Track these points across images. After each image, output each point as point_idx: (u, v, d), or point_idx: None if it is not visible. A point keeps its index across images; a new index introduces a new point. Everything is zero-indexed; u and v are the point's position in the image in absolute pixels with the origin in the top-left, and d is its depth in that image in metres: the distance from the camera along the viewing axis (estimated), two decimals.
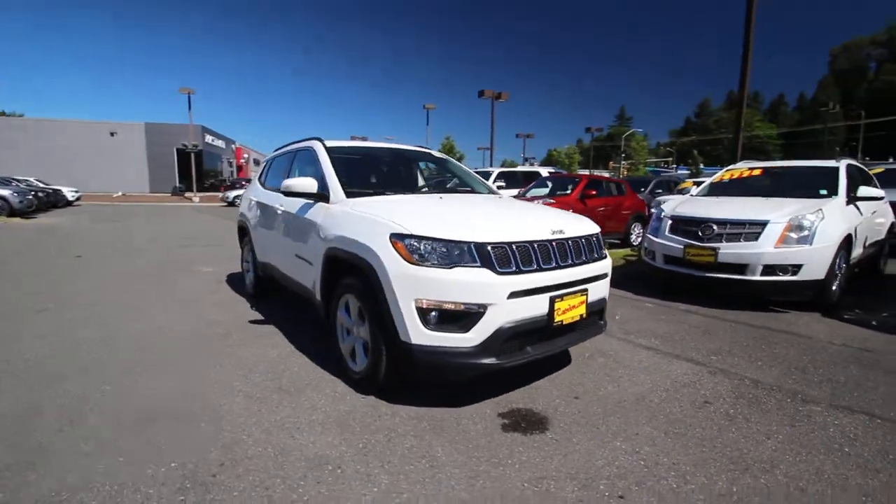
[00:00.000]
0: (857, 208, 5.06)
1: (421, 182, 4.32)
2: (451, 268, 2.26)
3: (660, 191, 14.50)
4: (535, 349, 2.47)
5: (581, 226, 2.79)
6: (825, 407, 2.57)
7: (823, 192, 5.16)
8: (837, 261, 4.48)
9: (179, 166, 38.66)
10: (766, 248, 4.42)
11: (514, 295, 2.28)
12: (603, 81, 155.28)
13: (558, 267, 2.50)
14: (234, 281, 5.84)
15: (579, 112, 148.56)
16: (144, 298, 4.95)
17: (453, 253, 2.29)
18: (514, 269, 2.33)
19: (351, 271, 2.73)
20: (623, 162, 48.46)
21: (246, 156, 50.34)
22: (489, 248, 2.31)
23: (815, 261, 4.34)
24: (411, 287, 2.27)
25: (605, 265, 2.82)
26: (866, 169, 6.39)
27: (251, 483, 1.88)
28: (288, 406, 2.54)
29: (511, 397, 2.66)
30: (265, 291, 4.85)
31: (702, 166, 57.62)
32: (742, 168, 6.26)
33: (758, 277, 4.45)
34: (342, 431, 2.28)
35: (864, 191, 5.11)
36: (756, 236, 4.50)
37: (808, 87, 78.15)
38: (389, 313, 2.36)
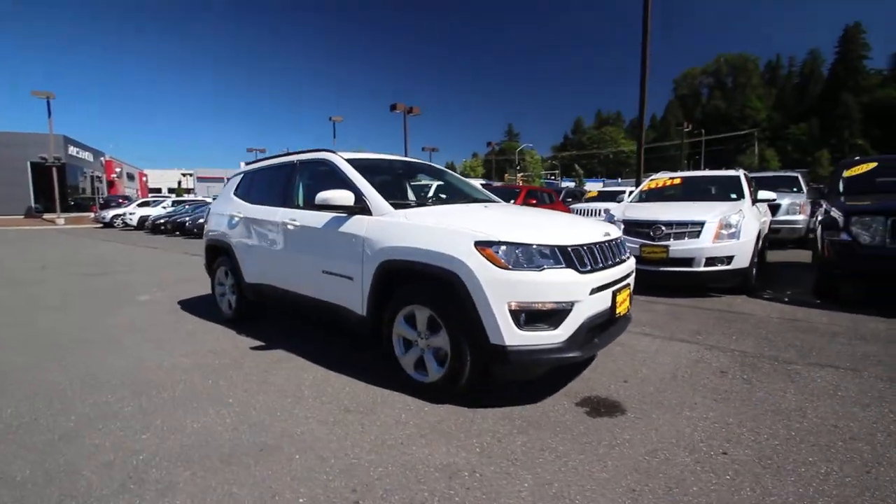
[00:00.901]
0: (758, 208, 6.27)
1: (411, 194, 4.38)
2: (540, 270, 2.44)
3: (570, 199, 16.07)
4: (601, 340, 2.74)
5: (615, 229, 3.15)
6: (803, 365, 3.23)
7: (734, 195, 6.31)
8: (754, 252, 5.52)
9: (35, 183, 32.28)
10: (706, 243, 5.28)
11: (593, 291, 2.54)
12: (493, 100, 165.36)
13: (614, 264, 2.81)
14: (192, 307, 5.25)
15: (472, 127, 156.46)
16: (100, 333, 4.24)
17: (541, 256, 2.47)
18: (589, 267, 2.59)
19: (420, 281, 2.75)
20: (518, 174, 52.10)
21: (118, 170, 43.86)
22: (570, 249, 2.54)
23: (742, 252, 5.31)
24: (504, 291, 2.40)
25: (633, 263, 3.21)
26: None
27: (403, 500, 1.84)
28: (372, 425, 2.47)
29: (573, 388, 2.90)
30: (248, 316, 4.48)
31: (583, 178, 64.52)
32: (664, 178, 7.34)
33: (702, 268, 5.29)
34: (448, 440, 2.31)
35: (762, 194, 6.36)
36: (698, 234, 5.35)
37: (657, 109, 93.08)
38: (479, 318, 2.45)
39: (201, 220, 15.27)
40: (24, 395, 2.93)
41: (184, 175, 67.40)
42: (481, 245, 2.48)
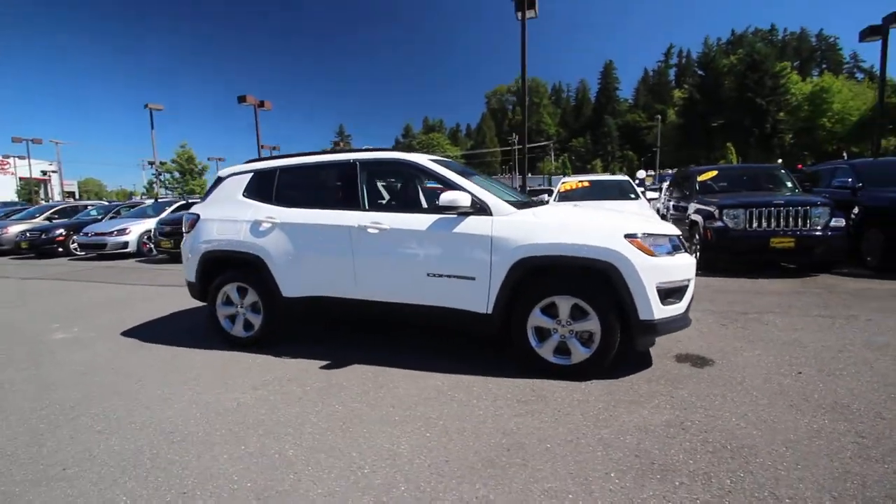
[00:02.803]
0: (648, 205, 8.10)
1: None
2: (673, 255, 3.01)
3: None
4: None
5: None
6: (755, 314, 4.55)
7: (632, 195, 8.00)
8: None
9: None
10: None
11: None
12: (326, 100, 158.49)
13: None
14: (162, 336, 4.23)
15: (303, 126, 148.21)
16: (78, 379, 3.16)
17: (672, 244, 3.04)
18: (689, 251, 3.27)
19: (563, 273, 3.03)
20: None
21: None
22: (680, 238, 3.17)
23: None
24: (653, 274, 2.90)
25: None
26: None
27: (681, 451, 2.20)
28: (562, 407, 2.68)
29: (657, 351, 3.55)
30: (270, 335, 3.89)
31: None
32: (574, 181, 8.75)
33: None
34: (638, 405, 2.69)
35: (648, 194, 8.20)
36: None
37: (473, 119, 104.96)
38: (632, 299, 2.89)
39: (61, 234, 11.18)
40: (110, 480, 2.17)
41: None
42: (630, 237, 2.92)
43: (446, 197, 3.11)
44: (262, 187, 3.89)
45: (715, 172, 8.18)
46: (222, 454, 2.29)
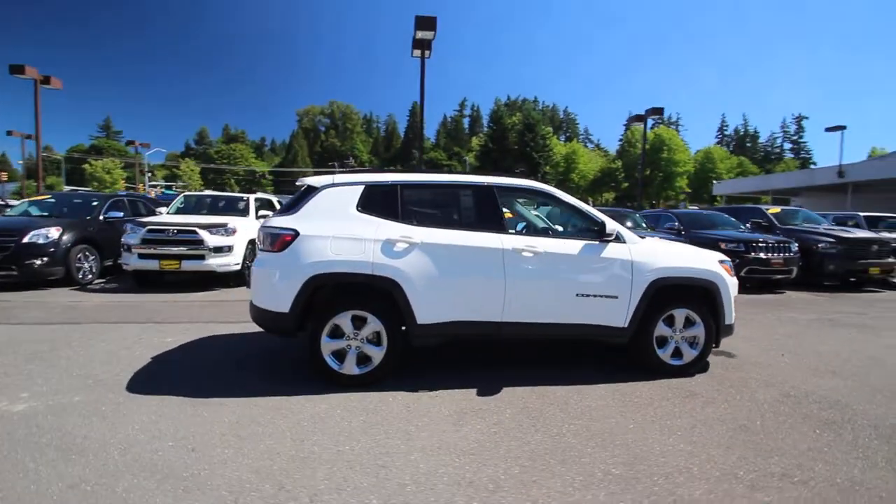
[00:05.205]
0: None
1: None
2: (735, 276, 4.13)
3: None
4: None
5: None
6: None
7: None
8: None
9: None
10: None
11: None
12: (90, 84, 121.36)
13: None
14: (190, 387, 3.19)
15: (61, 112, 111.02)
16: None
17: (730, 267, 4.14)
18: None
19: (680, 291, 3.79)
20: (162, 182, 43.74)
21: None
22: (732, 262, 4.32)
23: None
24: (733, 290, 3.95)
25: None
26: None
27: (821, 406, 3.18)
28: (721, 400, 3.41)
29: None
30: (389, 370, 3.46)
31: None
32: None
33: None
34: (749, 389, 3.63)
35: None
36: None
37: (282, 134, 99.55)
38: (723, 309, 3.87)
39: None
40: None
41: None
42: (721, 263, 3.91)
43: (611, 226, 3.55)
44: (383, 203, 3.49)
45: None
46: (568, 487, 2.18)
